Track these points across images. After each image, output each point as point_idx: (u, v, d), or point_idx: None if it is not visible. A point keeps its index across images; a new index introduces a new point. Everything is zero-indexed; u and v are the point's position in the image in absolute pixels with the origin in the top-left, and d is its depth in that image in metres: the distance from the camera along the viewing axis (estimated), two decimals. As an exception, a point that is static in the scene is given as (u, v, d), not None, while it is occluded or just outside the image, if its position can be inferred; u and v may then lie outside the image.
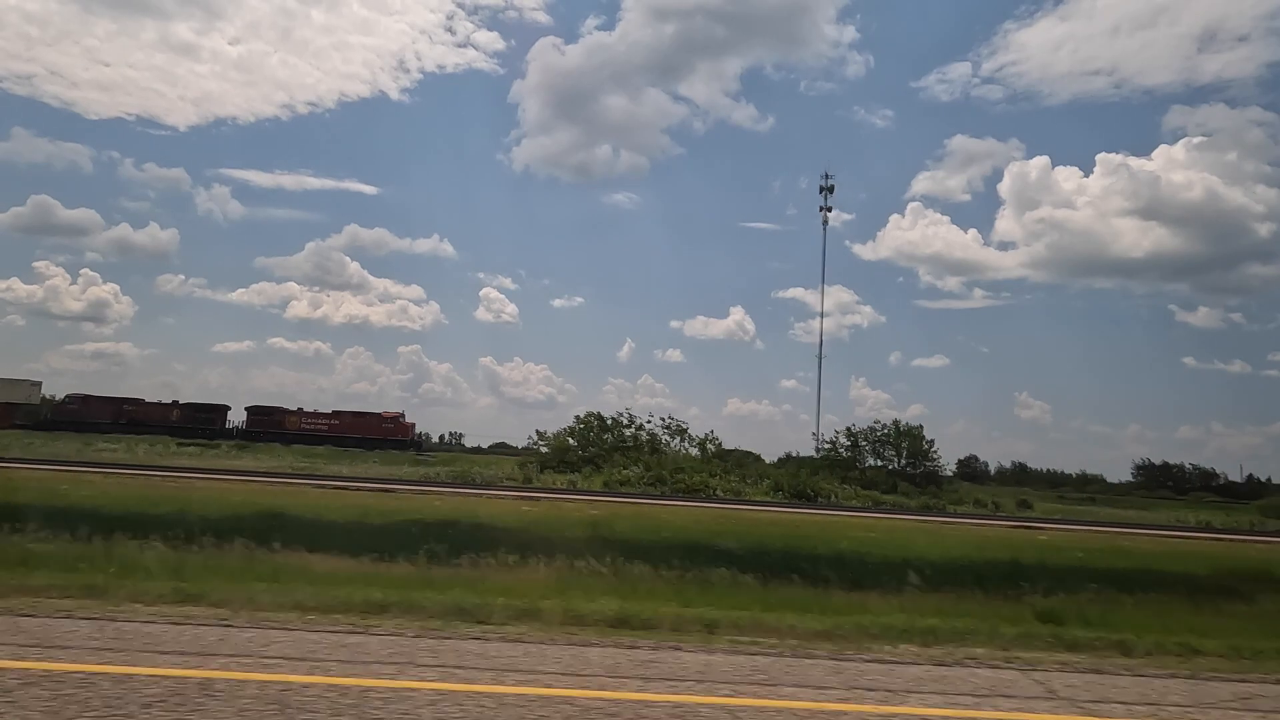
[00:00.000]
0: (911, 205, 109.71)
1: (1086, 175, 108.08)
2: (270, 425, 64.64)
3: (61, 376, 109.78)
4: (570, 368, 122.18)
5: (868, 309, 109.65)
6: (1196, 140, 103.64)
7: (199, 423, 63.40)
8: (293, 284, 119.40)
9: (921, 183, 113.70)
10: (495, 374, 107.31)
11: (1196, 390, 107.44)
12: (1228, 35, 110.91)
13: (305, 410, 67.16)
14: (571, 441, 43.41)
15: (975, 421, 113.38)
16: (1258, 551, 21.60)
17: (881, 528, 20.94)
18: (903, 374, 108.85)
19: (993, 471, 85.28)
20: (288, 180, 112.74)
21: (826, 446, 51.44)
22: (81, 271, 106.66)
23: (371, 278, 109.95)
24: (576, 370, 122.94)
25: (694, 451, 44.33)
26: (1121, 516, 39.91)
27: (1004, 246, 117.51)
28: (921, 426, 52.42)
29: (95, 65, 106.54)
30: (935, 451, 52.34)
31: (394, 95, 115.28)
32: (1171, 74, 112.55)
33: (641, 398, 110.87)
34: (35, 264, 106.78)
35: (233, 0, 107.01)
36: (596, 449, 40.76)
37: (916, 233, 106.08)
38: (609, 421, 44.16)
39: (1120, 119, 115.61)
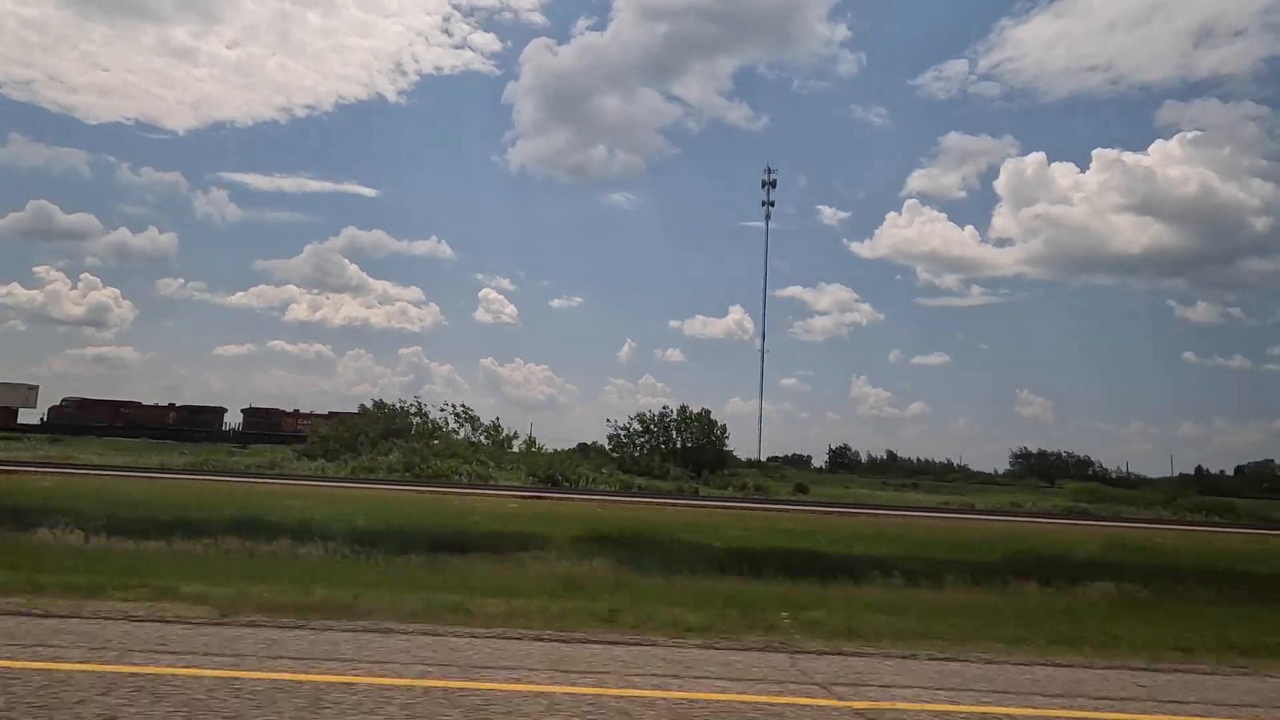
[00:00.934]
0: (909, 203, 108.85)
1: (1083, 171, 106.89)
2: (267, 426, 66.59)
3: (64, 381, 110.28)
4: (571, 368, 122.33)
5: (866, 307, 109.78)
6: (1191, 135, 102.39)
7: (196, 425, 65.83)
8: (292, 286, 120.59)
9: (917, 180, 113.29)
10: (496, 375, 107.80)
11: (1197, 386, 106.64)
12: (1224, 30, 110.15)
13: (301, 412, 68.98)
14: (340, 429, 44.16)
15: (977, 419, 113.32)
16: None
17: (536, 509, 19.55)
18: (903, 372, 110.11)
19: (864, 460, 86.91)
20: (286, 183, 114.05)
21: (622, 432, 52.02)
22: (82, 276, 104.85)
23: (370, 280, 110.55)
24: (577, 371, 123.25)
25: (483, 440, 44.22)
26: (901, 499, 39.20)
27: (1001, 243, 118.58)
28: (709, 411, 53.57)
29: (93, 70, 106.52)
30: (726, 436, 54.14)
31: (391, 97, 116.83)
32: (1168, 70, 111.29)
33: (643, 397, 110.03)
34: (35, 269, 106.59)
35: (230, 4, 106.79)
36: (366, 436, 40.58)
37: (914, 230, 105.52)
38: (392, 409, 44.69)
39: (1116, 115, 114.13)
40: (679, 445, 50.26)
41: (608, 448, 49.22)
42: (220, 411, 69.09)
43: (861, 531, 18.18)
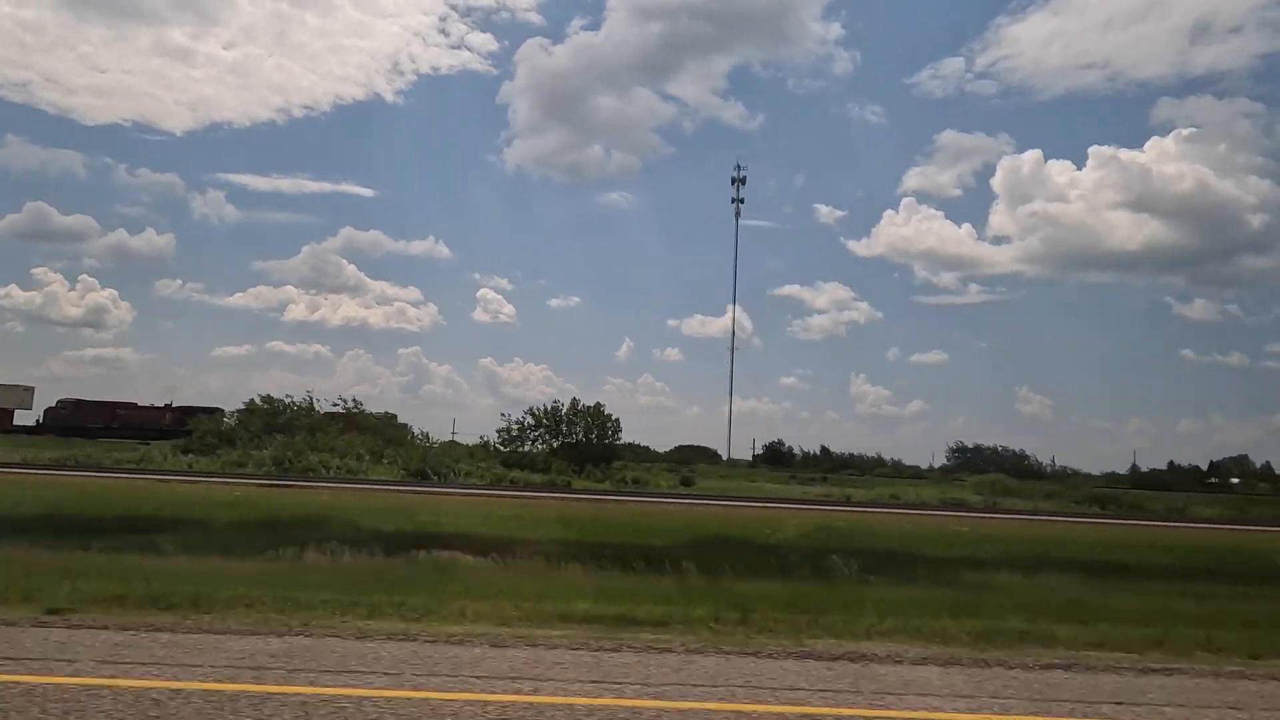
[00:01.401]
0: (905, 201, 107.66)
1: (1079, 169, 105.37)
2: (260, 426, 70.00)
3: (62, 383, 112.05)
4: (570, 368, 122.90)
5: (864, 305, 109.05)
6: (1187, 132, 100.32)
7: (192, 425, 69.45)
8: (290, 287, 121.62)
9: (913, 178, 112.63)
10: (495, 375, 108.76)
11: (1196, 383, 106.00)
12: (1220, 27, 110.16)
13: (295, 411, 72.09)
14: (229, 423, 45.44)
15: (976, 417, 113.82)
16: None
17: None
18: (901, 370, 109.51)
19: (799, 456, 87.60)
20: (284, 184, 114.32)
21: (515, 426, 51.91)
22: (80, 277, 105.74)
23: (369, 280, 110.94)
24: (576, 370, 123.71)
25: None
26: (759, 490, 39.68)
27: (998, 241, 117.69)
28: (601, 405, 53.05)
29: (90, 71, 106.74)
30: (619, 430, 53.87)
31: (389, 97, 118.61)
32: (1164, 67, 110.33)
33: (642, 397, 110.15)
34: (33, 270, 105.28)
35: (227, 5, 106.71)
36: (246, 431, 41.83)
37: (910, 228, 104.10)
38: (278, 404, 45.91)
39: (1113, 112, 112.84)
40: (576, 439, 50.39)
41: (497, 441, 49.60)
42: (216, 412, 72.59)
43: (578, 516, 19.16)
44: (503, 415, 59.79)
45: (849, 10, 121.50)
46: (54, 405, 65.35)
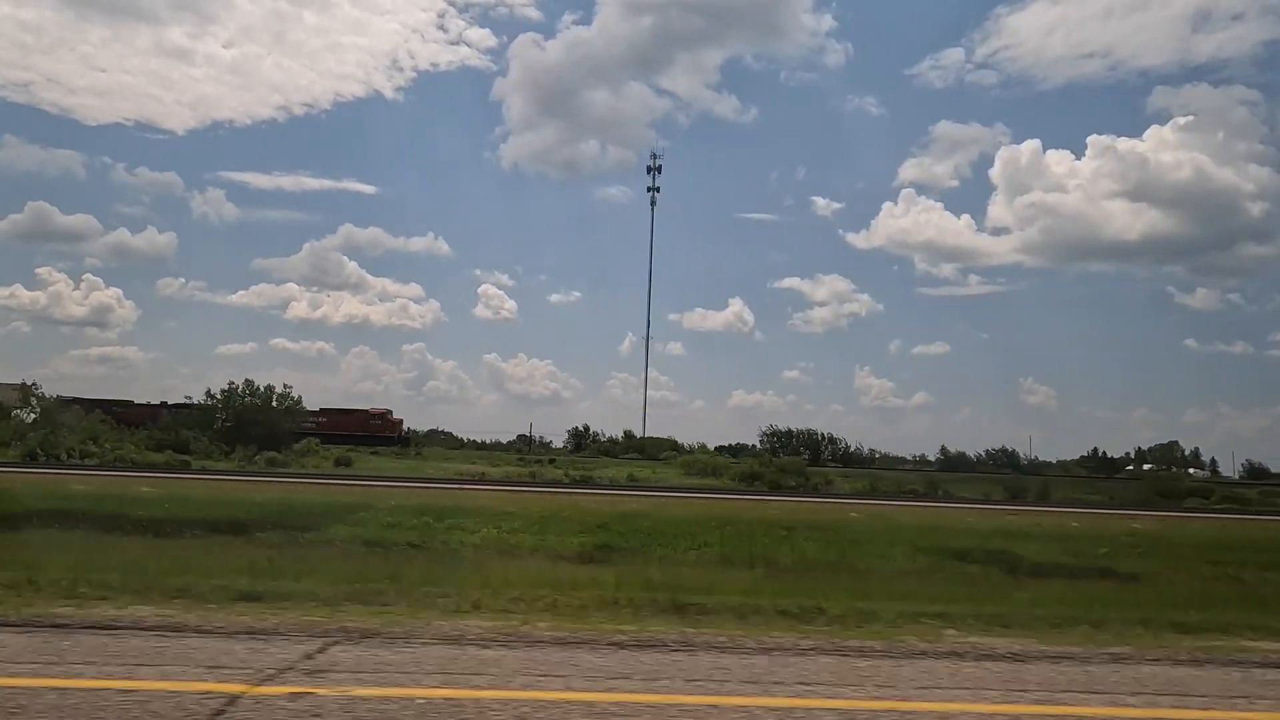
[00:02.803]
0: (904, 192, 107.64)
1: (1078, 159, 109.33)
2: (255, 424, 68.19)
3: (69, 382, 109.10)
4: (574, 363, 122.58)
5: (865, 297, 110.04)
6: (1184, 120, 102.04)
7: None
8: (292, 285, 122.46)
9: (909, 170, 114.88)
10: (499, 371, 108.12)
11: (1200, 373, 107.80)
12: (1222, 14, 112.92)
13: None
14: None
15: (982, 408, 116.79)
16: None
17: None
18: (903, 362, 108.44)
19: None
20: (286, 181, 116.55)
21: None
22: (83, 277, 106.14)
23: (370, 277, 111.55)
24: (580, 365, 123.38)
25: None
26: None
27: (997, 232, 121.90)
28: (273, 388, 58.54)
29: (91, 71, 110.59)
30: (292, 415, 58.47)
31: (389, 94, 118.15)
32: (1166, 55, 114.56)
33: (648, 391, 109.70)
34: (37, 270, 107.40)
35: (225, 4, 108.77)
36: None
37: (909, 220, 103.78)
38: None
39: (1113, 101, 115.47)
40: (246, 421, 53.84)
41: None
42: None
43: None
44: (187, 398, 64.89)
45: (839, 1, 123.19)
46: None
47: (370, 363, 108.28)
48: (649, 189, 69.59)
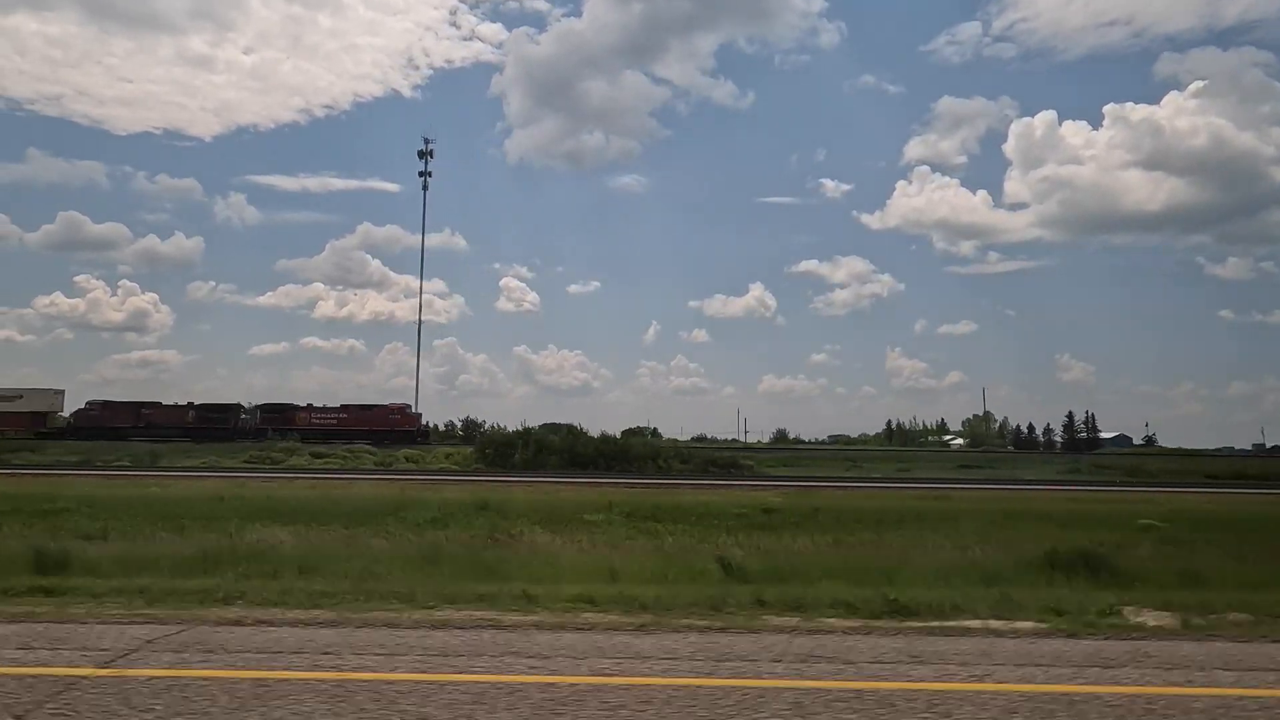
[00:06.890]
0: (918, 169, 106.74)
1: (1095, 129, 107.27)
2: (281, 422, 69.52)
3: (113, 386, 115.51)
4: (602, 353, 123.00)
5: (886, 277, 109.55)
6: (1195, 86, 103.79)
7: (212, 423, 69.40)
8: (318, 284, 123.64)
9: (914, 148, 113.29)
10: (530, 363, 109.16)
11: (1241, 345, 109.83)
12: None
13: (314, 406, 71.91)
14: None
15: (1021, 386, 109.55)
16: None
17: None
18: (930, 341, 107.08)
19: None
20: (312, 183, 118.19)
21: None
22: (120, 283, 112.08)
23: (393, 274, 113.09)
24: (609, 355, 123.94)
25: None
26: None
27: (1015, 208, 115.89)
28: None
29: (118, 82, 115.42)
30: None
31: (406, 93, 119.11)
32: (1192, 19, 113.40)
33: (676, 379, 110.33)
34: (75, 278, 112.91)
35: (241, 11, 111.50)
36: None
37: (923, 198, 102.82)
38: None
39: (1135, 69, 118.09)
40: None
41: None
42: (237, 409, 72.49)
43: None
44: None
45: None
46: (83, 407, 67.01)
47: (404, 359, 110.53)
48: (420, 173, 72.96)
